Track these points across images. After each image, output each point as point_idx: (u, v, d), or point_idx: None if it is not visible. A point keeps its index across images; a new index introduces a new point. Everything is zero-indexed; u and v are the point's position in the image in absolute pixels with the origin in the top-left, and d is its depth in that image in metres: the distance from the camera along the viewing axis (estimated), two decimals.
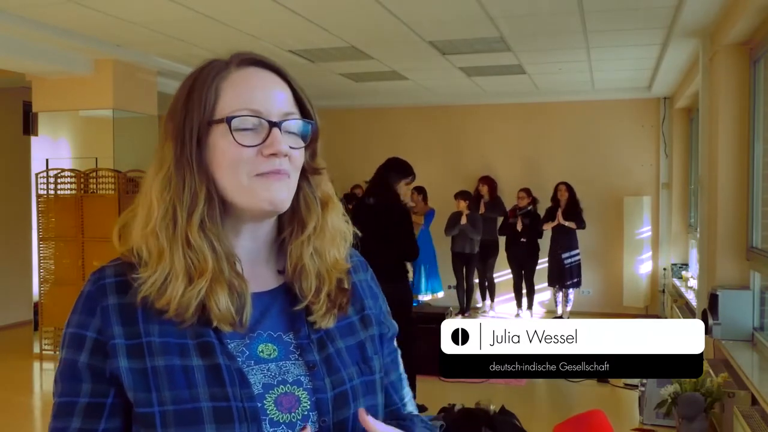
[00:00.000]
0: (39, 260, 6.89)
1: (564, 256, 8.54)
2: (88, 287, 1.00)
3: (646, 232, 9.09)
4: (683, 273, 8.23)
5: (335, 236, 1.09)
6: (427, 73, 7.70)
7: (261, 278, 1.06)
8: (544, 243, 8.71)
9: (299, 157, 1.03)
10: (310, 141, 1.05)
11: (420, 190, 9.19)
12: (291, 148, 1.01)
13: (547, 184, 8.80)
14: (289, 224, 1.07)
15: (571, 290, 8.72)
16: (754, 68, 4.95)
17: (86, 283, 1.00)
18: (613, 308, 9.13)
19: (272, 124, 0.99)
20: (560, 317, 8.72)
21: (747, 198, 4.98)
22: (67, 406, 0.97)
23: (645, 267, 9.08)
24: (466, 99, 9.36)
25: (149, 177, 1.01)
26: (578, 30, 5.75)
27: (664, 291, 8.93)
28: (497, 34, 5.89)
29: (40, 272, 6.90)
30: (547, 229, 8.65)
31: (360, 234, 1.14)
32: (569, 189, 8.63)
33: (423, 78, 8.04)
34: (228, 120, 0.98)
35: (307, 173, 1.07)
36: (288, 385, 0.99)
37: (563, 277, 8.59)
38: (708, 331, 4.85)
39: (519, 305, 8.95)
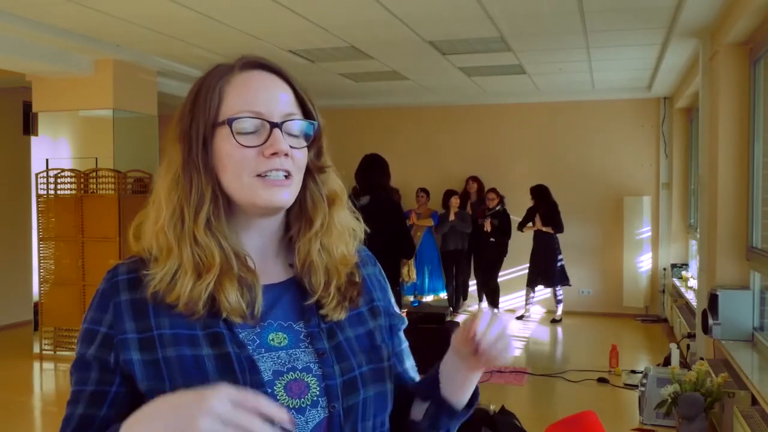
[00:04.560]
0: (39, 260, 6.89)
1: (547, 258, 8.52)
2: (103, 285, 1.04)
3: (646, 232, 9.08)
4: (683, 273, 8.23)
5: (343, 232, 1.12)
6: (427, 73, 7.69)
7: (271, 271, 1.09)
8: (525, 246, 8.66)
9: (302, 156, 1.06)
10: (314, 140, 1.08)
11: (426, 192, 9.21)
12: (293, 147, 1.03)
13: (547, 184, 8.78)
14: (297, 221, 1.10)
15: (560, 290, 8.71)
16: (754, 68, 4.95)
17: (102, 281, 1.05)
18: (613, 308, 9.13)
19: (273, 125, 1.02)
20: (550, 318, 8.71)
21: (747, 198, 4.98)
22: (76, 394, 1.01)
23: (645, 267, 9.07)
24: (466, 99, 9.36)
25: (159, 177, 1.06)
26: (578, 30, 5.75)
27: (664, 291, 8.93)
28: (497, 34, 5.89)
29: (40, 272, 6.90)
30: (527, 232, 8.64)
31: (369, 231, 1.17)
32: (539, 192, 8.58)
33: (423, 78, 8.04)
34: (229, 122, 1.01)
35: (313, 171, 1.10)
36: (298, 371, 1.02)
37: (549, 279, 8.58)
38: (708, 331, 4.85)
39: (480, 302, 8.95)
